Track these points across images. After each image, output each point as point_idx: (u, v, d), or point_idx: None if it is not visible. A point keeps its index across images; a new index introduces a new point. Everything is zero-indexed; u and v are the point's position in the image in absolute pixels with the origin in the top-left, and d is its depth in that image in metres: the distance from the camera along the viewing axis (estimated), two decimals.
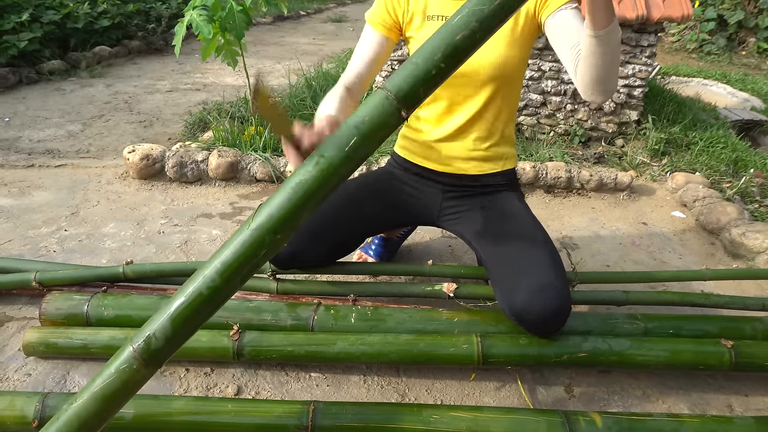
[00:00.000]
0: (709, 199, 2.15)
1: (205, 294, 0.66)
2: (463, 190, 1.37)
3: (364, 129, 0.68)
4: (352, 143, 0.67)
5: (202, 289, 0.66)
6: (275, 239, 0.67)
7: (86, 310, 1.30)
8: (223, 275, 0.66)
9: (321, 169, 0.67)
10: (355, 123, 0.68)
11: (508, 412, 1.06)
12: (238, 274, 0.67)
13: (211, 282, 0.66)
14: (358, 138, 0.67)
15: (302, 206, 0.67)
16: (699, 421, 1.05)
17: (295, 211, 0.67)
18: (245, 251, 0.66)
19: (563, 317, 1.14)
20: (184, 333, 0.68)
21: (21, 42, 3.75)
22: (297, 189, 0.67)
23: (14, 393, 1.10)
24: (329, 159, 0.67)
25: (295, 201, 0.67)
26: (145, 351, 0.65)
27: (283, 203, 0.67)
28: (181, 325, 0.66)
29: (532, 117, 2.79)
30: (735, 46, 6.42)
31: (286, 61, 4.67)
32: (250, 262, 0.67)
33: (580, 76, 1.05)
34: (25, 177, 2.28)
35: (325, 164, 0.67)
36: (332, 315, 1.29)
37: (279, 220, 0.67)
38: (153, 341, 0.66)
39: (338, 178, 0.68)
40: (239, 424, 1.05)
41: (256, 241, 0.66)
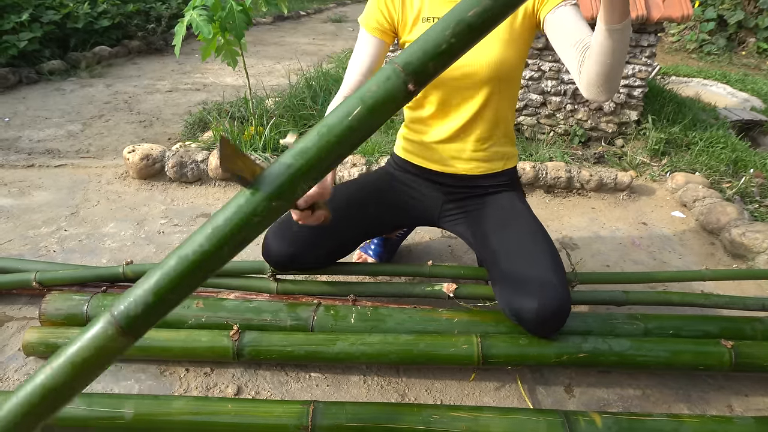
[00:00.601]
0: (709, 199, 2.15)
1: (191, 258, 0.63)
2: (465, 190, 1.37)
3: (369, 100, 0.66)
4: (355, 113, 0.66)
5: (188, 253, 0.63)
6: (271, 206, 0.65)
7: (86, 311, 1.30)
8: (211, 239, 0.63)
9: (321, 137, 0.66)
10: (360, 94, 0.67)
11: (508, 412, 1.06)
12: (229, 241, 0.64)
13: (198, 246, 0.63)
14: (362, 109, 0.66)
15: (302, 175, 0.66)
16: (699, 421, 1.05)
17: (294, 179, 0.66)
18: (239, 216, 0.64)
19: (563, 317, 1.14)
20: (167, 302, 0.64)
21: (21, 42, 3.75)
22: (297, 157, 0.66)
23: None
24: (331, 128, 0.66)
25: (295, 169, 0.66)
26: (123, 318, 0.62)
27: (282, 170, 0.66)
28: (164, 293, 0.63)
29: (532, 117, 2.79)
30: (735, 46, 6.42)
31: (286, 61, 4.67)
32: (243, 228, 0.64)
33: (587, 74, 1.03)
34: (25, 177, 2.28)
35: (326, 133, 0.66)
36: (332, 315, 1.30)
37: (278, 187, 0.66)
38: (132, 308, 0.62)
39: (341, 148, 0.66)
40: (239, 424, 1.05)
41: (251, 207, 0.64)
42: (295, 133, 0.81)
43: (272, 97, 3.15)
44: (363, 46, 1.27)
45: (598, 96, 1.05)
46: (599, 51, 0.97)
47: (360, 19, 1.28)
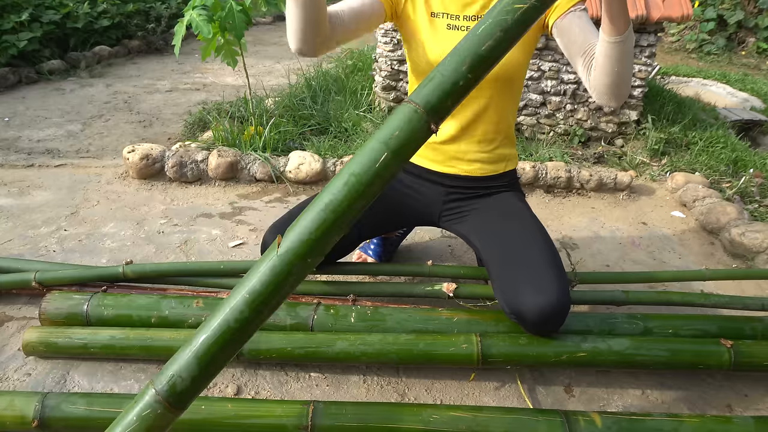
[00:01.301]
0: (709, 199, 2.15)
1: (233, 327, 0.62)
2: (465, 191, 1.37)
3: (394, 144, 0.65)
4: (382, 159, 0.64)
5: (230, 322, 0.62)
6: (306, 264, 0.63)
7: (86, 310, 1.30)
8: (251, 306, 0.62)
9: (351, 188, 0.64)
10: (383, 138, 0.65)
11: (508, 412, 1.07)
12: (267, 304, 0.63)
13: (239, 314, 0.62)
14: (389, 154, 0.65)
15: (333, 228, 0.64)
16: (698, 421, 1.05)
17: (326, 234, 0.63)
18: (275, 279, 0.62)
19: (562, 316, 1.14)
20: (211, 370, 0.63)
21: (21, 42, 3.75)
22: (327, 210, 0.63)
23: (14, 393, 1.10)
24: (359, 177, 0.64)
25: (327, 223, 0.63)
26: (170, 394, 0.61)
27: (313, 226, 0.63)
28: (207, 363, 0.62)
29: (532, 117, 2.79)
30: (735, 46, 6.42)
31: (285, 61, 4.67)
32: (280, 290, 0.63)
33: (596, 82, 1.04)
34: (24, 177, 2.28)
35: (356, 183, 0.64)
36: (332, 315, 1.30)
37: (309, 244, 0.63)
38: (178, 382, 0.61)
39: (369, 196, 0.65)
40: (239, 424, 1.05)
41: (286, 267, 0.62)
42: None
43: (272, 96, 3.15)
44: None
45: (609, 102, 1.07)
46: (604, 62, 0.98)
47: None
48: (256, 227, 1.94)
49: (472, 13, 1.19)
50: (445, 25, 1.20)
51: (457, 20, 1.19)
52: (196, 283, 1.44)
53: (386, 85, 2.89)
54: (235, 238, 1.87)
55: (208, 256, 1.75)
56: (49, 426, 1.05)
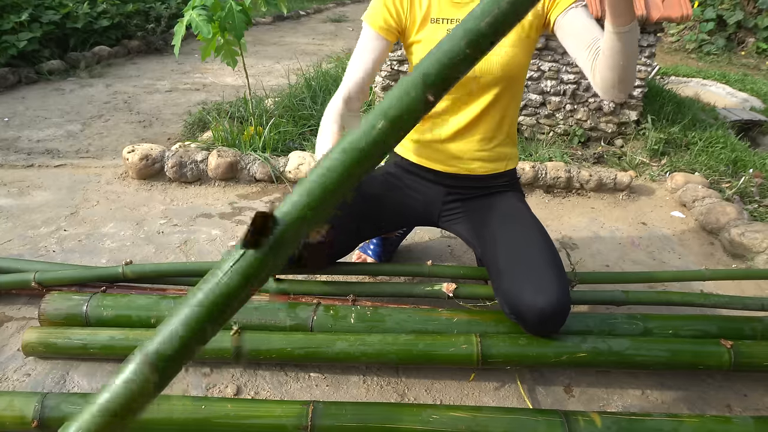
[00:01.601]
0: (709, 199, 2.15)
1: (229, 281, 0.65)
2: (465, 191, 1.37)
3: (392, 114, 0.68)
4: (380, 127, 0.67)
5: (212, 291, 0.64)
6: (309, 217, 0.67)
7: (85, 311, 1.30)
8: (241, 274, 0.65)
9: (349, 153, 0.67)
10: (382, 108, 0.68)
11: (508, 412, 1.07)
12: (263, 269, 0.67)
13: (228, 278, 0.64)
14: (386, 122, 0.67)
15: (331, 194, 0.67)
16: (698, 421, 1.05)
17: (325, 197, 0.67)
18: (273, 250, 0.65)
19: (563, 317, 1.14)
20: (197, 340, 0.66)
21: (20, 42, 3.75)
22: (326, 176, 0.67)
23: (13, 393, 1.10)
24: (355, 143, 0.67)
25: (326, 186, 0.67)
26: (157, 359, 0.63)
27: (314, 187, 0.67)
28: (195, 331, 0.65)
29: (532, 117, 2.79)
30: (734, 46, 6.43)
31: (285, 61, 4.66)
32: (284, 249, 0.66)
33: (600, 76, 1.04)
34: (24, 177, 2.28)
35: (352, 149, 0.67)
36: (331, 315, 1.29)
37: (309, 207, 0.66)
38: (163, 349, 0.63)
39: (367, 163, 0.67)
40: (238, 424, 1.05)
41: (286, 233, 0.66)
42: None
43: (272, 97, 3.15)
44: (366, 44, 1.25)
45: (615, 96, 1.07)
46: (610, 54, 0.98)
47: (364, 17, 1.26)
48: None
49: None
50: (446, 30, 1.20)
51: (457, 24, 1.20)
52: (196, 283, 1.44)
53: (386, 85, 2.89)
54: (234, 238, 1.87)
55: (208, 256, 1.75)
56: (49, 426, 1.05)
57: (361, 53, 1.25)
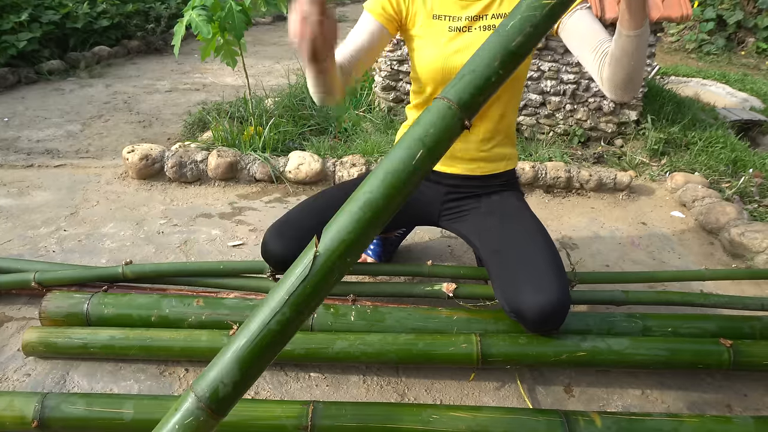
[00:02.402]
0: (708, 199, 2.15)
1: (274, 329, 0.62)
2: (465, 190, 1.37)
3: (429, 141, 0.66)
4: (418, 156, 0.65)
5: (271, 325, 0.62)
6: (345, 263, 0.63)
7: (86, 309, 1.30)
8: (293, 306, 0.62)
9: (388, 185, 0.65)
10: (419, 135, 0.66)
11: (508, 412, 1.07)
12: (307, 305, 0.63)
13: (281, 316, 0.62)
14: (424, 151, 0.65)
15: (371, 226, 0.64)
16: (698, 421, 1.06)
17: (364, 232, 0.64)
18: (314, 279, 0.62)
19: (562, 315, 1.14)
20: (252, 374, 0.63)
21: (20, 42, 3.75)
22: (365, 208, 0.64)
23: (13, 393, 1.10)
24: (396, 174, 0.65)
25: (364, 221, 0.63)
26: (212, 400, 0.61)
27: (353, 224, 0.64)
28: (249, 367, 0.62)
29: (532, 117, 2.79)
30: (734, 46, 6.43)
31: (285, 61, 4.66)
32: (319, 291, 0.63)
33: (610, 77, 1.05)
34: (24, 177, 2.28)
35: (393, 180, 0.65)
36: (331, 313, 1.30)
37: (349, 243, 0.63)
38: (220, 388, 0.61)
39: (405, 193, 0.65)
40: (238, 423, 1.04)
41: (326, 267, 0.63)
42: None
43: (272, 97, 3.15)
44: (363, 28, 1.21)
45: (623, 97, 1.08)
46: (620, 55, 0.99)
47: (365, 4, 1.24)
48: (255, 227, 1.94)
49: (474, 14, 1.19)
50: (447, 27, 1.20)
51: (459, 21, 1.20)
52: (196, 284, 1.44)
53: (386, 85, 2.89)
54: (234, 238, 1.87)
55: (208, 256, 1.75)
56: (49, 426, 1.05)
57: (357, 33, 1.22)
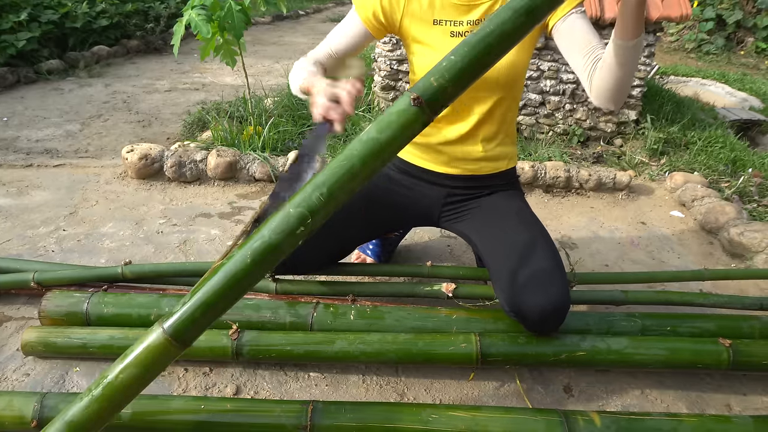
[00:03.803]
0: (708, 198, 2.15)
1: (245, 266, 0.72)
2: (466, 191, 1.36)
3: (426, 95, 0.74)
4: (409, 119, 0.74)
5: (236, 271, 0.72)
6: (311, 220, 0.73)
7: (86, 308, 1.30)
8: (254, 256, 0.71)
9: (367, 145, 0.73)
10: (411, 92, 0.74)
11: (507, 412, 1.07)
12: (275, 251, 0.72)
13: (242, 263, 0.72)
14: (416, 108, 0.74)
15: (350, 181, 0.73)
16: (697, 420, 1.06)
17: (342, 187, 0.73)
18: (286, 227, 0.72)
19: (562, 315, 1.14)
20: (212, 315, 0.73)
21: (19, 42, 3.74)
22: (348, 162, 0.72)
23: (13, 393, 1.10)
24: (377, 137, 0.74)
25: (346, 176, 0.73)
26: (175, 331, 0.71)
27: (333, 178, 0.73)
28: (211, 308, 0.72)
29: (531, 116, 2.79)
30: (733, 45, 6.43)
31: (284, 61, 4.66)
32: (288, 238, 0.72)
33: (599, 84, 1.05)
34: (23, 177, 2.28)
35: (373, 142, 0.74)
36: (331, 313, 1.30)
37: (326, 197, 0.73)
38: (181, 323, 0.71)
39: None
40: (238, 423, 1.05)
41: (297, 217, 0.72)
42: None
43: (271, 96, 3.15)
44: (349, 31, 1.24)
45: (608, 105, 1.09)
46: (612, 64, 0.99)
47: (356, 1, 1.24)
48: None
49: (476, 18, 1.18)
50: (449, 33, 1.19)
51: (460, 26, 1.19)
52: (195, 283, 1.44)
53: (385, 84, 2.89)
54: (234, 237, 1.87)
55: (207, 256, 1.75)
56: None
57: (342, 31, 1.25)
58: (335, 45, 1.25)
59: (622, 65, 0.98)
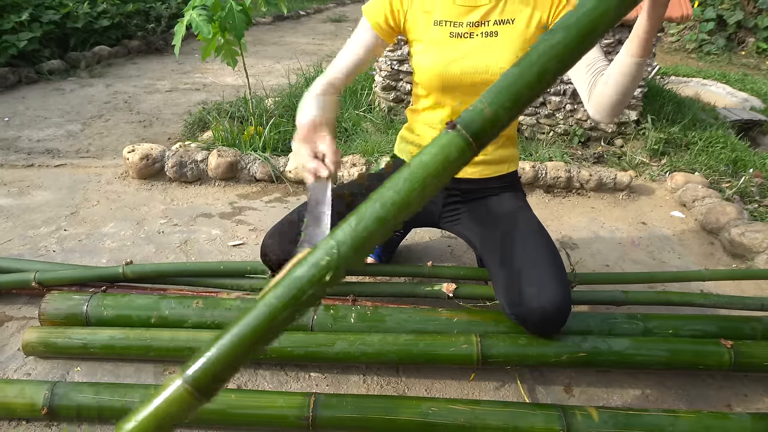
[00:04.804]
0: (709, 199, 2.15)
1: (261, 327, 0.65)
2: (467, 193, 1.37)
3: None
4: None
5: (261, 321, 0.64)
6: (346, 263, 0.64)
7: (86, 310, 1.30)
8: (282, 308, 0.64)
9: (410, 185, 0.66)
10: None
11: (506, 406, 1.08)
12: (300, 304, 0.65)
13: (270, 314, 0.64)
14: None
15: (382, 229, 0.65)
16: (695, 417, 1.06)
17: (383, 228, 0.65)
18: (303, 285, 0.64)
19: (563, 317, 1.14)
20: (234, 366, 0.67)
21: (20, 42, 3.75)
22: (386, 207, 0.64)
23: (24, 381, 1.12)
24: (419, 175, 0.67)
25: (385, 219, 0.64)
26: (196, 384, 0.65)
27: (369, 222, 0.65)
28: (232, 362, 0.66)
29: (532, 117, 2.79)
30: (734, 46, 6.43)
31: (285, 61, 4.66)
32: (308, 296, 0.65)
33: (599, 98, 1.06)
34: (24, 177, 2.28)
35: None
36: (332, 315, 1.30)
37: (359, 241, 0.65)
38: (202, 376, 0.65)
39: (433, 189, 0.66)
40: (241, 414, 1.06)
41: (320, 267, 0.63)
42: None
43: (272, 96, 3.15)
44: (360, 38, 1.24)
45: (605, 118, 1.09)
46: (622, 79, 1.00)
47: (364, 9, 1.25)
48: (256, 227, 1.94)
49: (476, 19, 1.18)
50: (448, 33, 1.19)
51: (460, 27, 1.19)
52: (196, 284, 1.44)
53: (386, 85, 2.89)
54: (234, 238, 1.87)
55: (208, 256, 1.75)
56: (59, 414, 1.07)
57: (355, 45, 1.24)
58: (350, 58, 1.24)
59: (632, 80, 0.99)
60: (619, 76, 1.00)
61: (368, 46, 1.24)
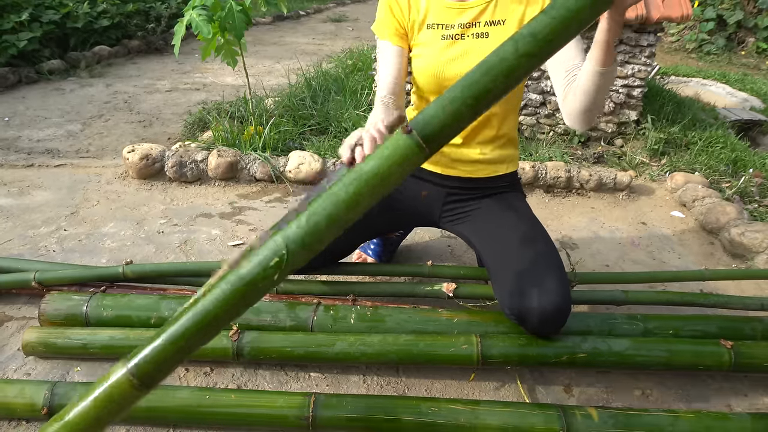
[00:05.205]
0: (709, 198, 2.15)
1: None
2: (466, 192, 1.37)
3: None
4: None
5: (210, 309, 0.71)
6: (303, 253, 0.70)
7: (85, 311, 1.30)
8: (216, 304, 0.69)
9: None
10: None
11: (506, 406, 1.08)
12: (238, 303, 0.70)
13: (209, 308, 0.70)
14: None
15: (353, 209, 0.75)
16: (695, 417, 1.06)
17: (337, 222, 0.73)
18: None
19: (563, 318, 1.14)
20: (175, 359, 0.71)
21: (20, 42, 3.75)
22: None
23: (24, 381, 1.12)
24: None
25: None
26: (139, 373, 0.68)
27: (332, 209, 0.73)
28: (177, 351, 0.70)
29: (532, 117, 2.79)
30: (734, 46, 6.43)
31: (285, 61, 4.66)
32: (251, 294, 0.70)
33: (570, 105, 1.07)
34: (24, 177, 2.28)
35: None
36: (331, 315, 1.30)
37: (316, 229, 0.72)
38: (144, 364, 0.68)
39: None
40: (241, 414, 1.06)
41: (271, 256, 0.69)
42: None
43: (272, 96, 3.15)
44: (387, 57, 1.24)
45: (577, 126, 1.10)
46: (589, 88, 1.01)
47: (374, 29, 1.27)
48: (255, 227, 1.94)
49: (467, 21, 1.19)
50: (440, 36, 1.21)
51: (452, 29, 1.20)
52: (196, 283, 1.44)
53: None
54: (235, 237, 1.87)
55: (208, 256, 1.75)
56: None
57: (385, 66, 1.25)
58: (388, 78, 1.23)
59: (597, 90, 1.00)
60: (586, 86, 1.01)
61: (397, 59, 1.24)
